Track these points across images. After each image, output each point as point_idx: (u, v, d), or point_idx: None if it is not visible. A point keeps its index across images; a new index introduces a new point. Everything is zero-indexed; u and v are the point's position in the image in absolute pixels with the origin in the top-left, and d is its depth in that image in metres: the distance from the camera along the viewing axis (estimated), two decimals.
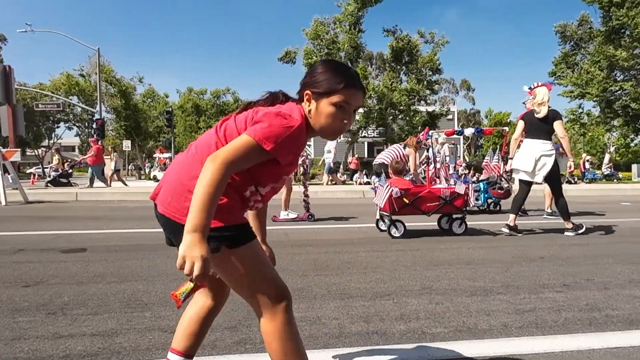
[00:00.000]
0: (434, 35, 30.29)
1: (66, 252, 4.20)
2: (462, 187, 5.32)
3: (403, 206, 5.18)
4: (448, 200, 5.30)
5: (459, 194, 5.30)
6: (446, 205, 5.33)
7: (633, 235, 5.35)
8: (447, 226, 5.54)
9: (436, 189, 5.38)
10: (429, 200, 5.27)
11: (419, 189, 5.38)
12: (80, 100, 40.12)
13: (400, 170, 5.69)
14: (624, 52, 25.44)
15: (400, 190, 5.12)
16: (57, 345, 2.05)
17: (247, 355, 1.95)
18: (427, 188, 5.40)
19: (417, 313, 2.49)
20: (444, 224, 5.63)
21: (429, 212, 5.32)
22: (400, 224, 5.14)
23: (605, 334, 2.20)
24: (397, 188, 5.12)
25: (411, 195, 5.22)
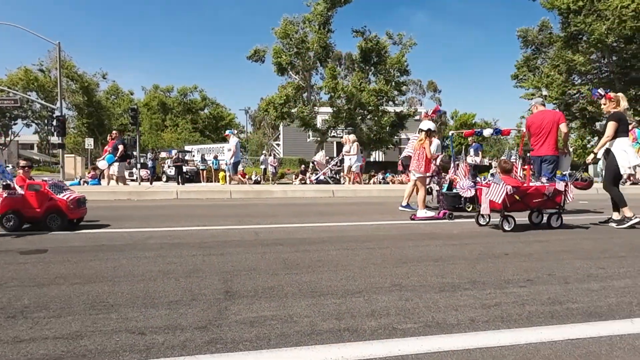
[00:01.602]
0: (402, 36, 30.80)
1: (25, 254, 4.03)
2: (562, 184, 5.71)
3: (514, 202, 5.54)
4: (550, 197, 5.64)
5: (559, 190, 5.68)
6: (548, 201, 5.69)
7: (591, 232, 5.59)
8: (537, 220, 6.03)
9: (541, 186, 5.74)
10: (536, 197, 5.65)
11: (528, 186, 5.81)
12: (40, 97, 38.63)
13: (509, 169, 6.07)
14: (582, 57, 26.55)
15: (512, 187, 5.48)
16: (17, 349, 1.96)
17: (218, 355, 1.93)
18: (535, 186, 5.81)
19: (387, 309, 2.52)
20: (535, 218, 6.05)
21: (534, 207, 5.79)
22: (512, 219, 5.53)
23: (566, 326, 2.29)
24: (510, 186, 5.45)
25: (521, 192, 5.57)
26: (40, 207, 5.35)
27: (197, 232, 5.33)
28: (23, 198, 5.32)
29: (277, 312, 2.47)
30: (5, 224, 5.28)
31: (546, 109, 7.32)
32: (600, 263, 3.75)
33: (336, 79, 29.52)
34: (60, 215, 5.37)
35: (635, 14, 23.02)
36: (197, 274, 3.29)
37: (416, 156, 6.88)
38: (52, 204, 5.35)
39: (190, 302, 2.62)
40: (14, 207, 5.30)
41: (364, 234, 5.28)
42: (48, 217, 5.34)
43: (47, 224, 5.33)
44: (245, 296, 2.76)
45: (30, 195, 5.34)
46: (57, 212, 5.36)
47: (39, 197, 5.35)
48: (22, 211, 5.32)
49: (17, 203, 5.31)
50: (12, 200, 5.32)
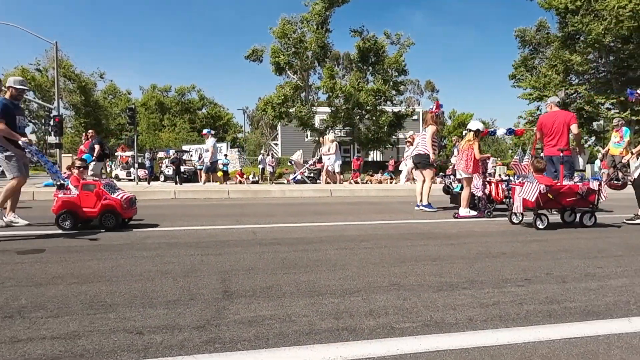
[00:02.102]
0: (400, 36, 30.79)
1: (23, 254, 4.02)
2: (595, 183, 5.79)
3: (547, 201, 5.64)
4: (583, 196, 5.71)
5: (593, 189, 5.76)
6: (581, 200, 5.76)
7: (587, 231, 5.60)
8: (570, 219, 6.13)
9: (575, 185, 5.81)
10: (569, 195, 5.75)
11: (562, 185, 5.88)
12: (37, 96, 38.52)
13: (542, 168, 6.13)
14: (579, 57, 26.63)
15: (546, 186, 5.56)
16: (14, 349, 1.95)
17: (217, 354, 1.92)
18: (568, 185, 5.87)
19: (385, 309, 2.52)
20: (567, 217, 6.15)
21: (567, 206, 5.87)
22: (545, 217, 5.66)
23: (564, 325, 2.29)
24: (544, 185, 5.54)
25: (554, 191, 5.66)
26: (94, 206, 5.40)
27: (195, 232, 5.32)
28: (78, 198, 5.38)
29: (275, 311, 2.47)
30: (62, 223, 5.33)
31: (559, 110, 7.32)
32: (598, 262, 3.76)
33: (334, 78, 29.51)
34: (115, 214, 5.44)
35: (632, 14, 23.10)
36: (195, 274, 3.28)
37: (464, 156, 6.90)
38: (107, 204, 5.41)
39: (189, 302, 2.62)
40: (70, 207, 5.36)
41: (362, 234, 5.28)
42: (103, 216, 5.41)
43: (101, 223, 5.40)
44: (244, 296, 2.75)
45: (85, 195, 5.40)
46: (111, 211, 5.43)
47: (94, 197, 5.41)
48: (77, 211, 5.39)
49: (72, 203, 5.37)
50: (68, 200, 5.37)
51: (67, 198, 5.36)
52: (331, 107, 30.32)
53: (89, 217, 5.44)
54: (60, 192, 5.38)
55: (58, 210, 5.34)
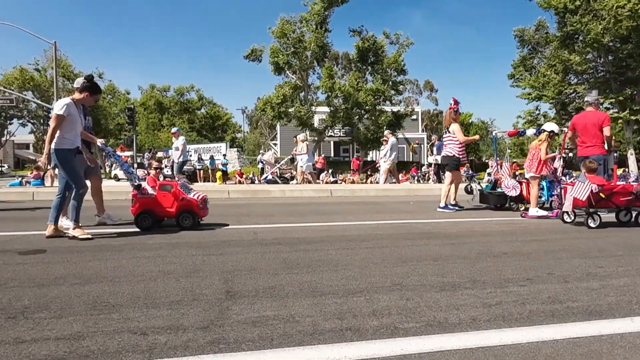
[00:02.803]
0: (399, 36, 30.81)
1: (24, 254, 4.02)
2: None
3: (599, 200, 5.72)
4: (638, 195, 5.75)
5: None
6: (636, 200, 5.79)
7: (587, 231, 5.61)
8: (625, 219, 6.12)
9: (629, 185, 5.87)
10: (622, 195, 5.79)
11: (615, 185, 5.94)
12: (36, 96, 38.45)
13: (595, 168, 6.22)
14: (578, 57, 26.65)
15: (598, 186, 5.64)
16: (19, 350, 1.95)
17: (222, 355, 1.92)
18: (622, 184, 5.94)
19: (388, 309, 2.53)
20: (623, 217, 6.14)
21: (621, 205, 5.88)
22: (597, 216, 5.77)
23: (567, 325, 2.30)
24: (595, 184, 5.65)
25: (607, 190, 5.74)
26: (172, 206, 5.50)
27: (195, 232, 5.31)
28: (156, 198, 5.50)
29: (278, 311, 2.47)
30: (141, 223, 5.44)
31: (592, 110, 7.26)
32: (599, 262, 3.77)
33: (333, 78, 29.53)
34: (192, 214, 5.56)
35: (631, 13, 23.12)
36: (198, 274, 3.28)
37: (530, 156, 6.95)
38: (184, 204, 5.53)
39: (192, 302, 2.62)
40: (148, 207, 5.47)
41: (363, 234, 5.28)
42: (180, 216, 5.53)
43: (179, 223, 5.53)
44: (247, 296, 2.75)
45: (163, 195, 5.51)
46: (189, 211, 5.55)
47: (171, 197, 5.51)
48: (155, 210, 5.49)
49: (150, 203, 5.48)
50: (146, 201, 5.48)
51: (145, 199, 5.49)
52: (330, 106, 30.33)
53: (166, 216, 5.60)
54: (138, 193, 5.48)
55: (137, 211, 5.45)
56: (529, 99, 31.47)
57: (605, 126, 6.95)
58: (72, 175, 4.90)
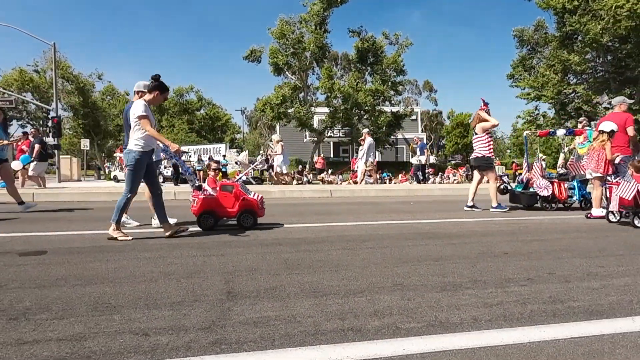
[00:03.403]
0: (398, 36, 30.79)
1: (24, 255, 4.01)
2: None
3: None
4: None
5: None
6: None
7: (588, 230, 5.62)
8: None
9: None
10: None
11: None
12: (35, 97, 38.39)
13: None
14: (577, 57, 26.67)
15: None
16: (21, 351, 1.96)
17: (224, 355, 1.93)
18: None
19: (390, 309, 2.53)
20: None
21: None
22: None
23: (569, 325, 2.30)
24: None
25: None
26: (233, 206, 5.59)
27: (196, 233, 5.31)
28: (217, 198, 5.57)
29: (280, 312, 2.47)
30: (203, 223, 5.54)
31: (617, 112, 7.30)
32: (599, 262, 3.77)
33: (332, 79, 29.51)
34: (252, 214, 5.66)
35: (629, 13, 23.15)
36: (199, 275, 3.28)
37: (594, 156, 6.94)
38: (245, 204, 5.62)
39: (193, 303, 2.62)
40: (210, 207, 5.56)
41: (364, 234, 5.28)
42: (242, 215, 5.62)
43: (240, 223, 5.62)
44: (248, 297, 2.76)
45: (224, 195, 5.59)
46: (249, 211, 5.65)
47: (232, 197, 5.59)
48: (217, 210, 5.58)
49: (212, 203, 5.56)
50: (208, 201, 5.56)
51: (207, 199, 5.55)
52: (330, 107, 30.32)
53: (227, 216, 5.68)
54: (200, 194, 5.56)
55: (199, 211, 5.53)
56: (528, 99, 31.50)
57: (628, 126, 7.00)
58: (133, 178, 4.97)
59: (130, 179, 4.97)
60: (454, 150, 55.14)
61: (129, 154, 4.91)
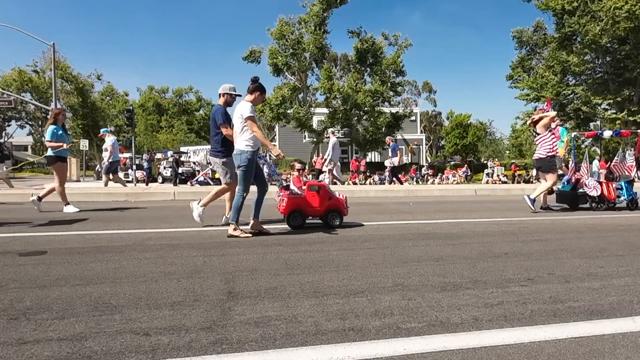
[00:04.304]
0: (397, 37, 30.83)
1: (24, 255, 4.01)
2: None
3: None
4: None
5: None
6: None
7: (588, 231, 5.63)
8: None
9: None
10: None
11: None
12: (34, 98, 38.37)
13: None
14: (576, 58, 26.71)
15: None
16: (22, 351, 1.95)
17: (225, 355, 1.92)
18: None
19: (390, 309, 2.53)
20: None
21: None
22: None
23: (569, 325, 2.30)
24: None
25: None
26: (320, 205, 5.73)
27: (196, 233, 5.32)
28: (305, 198, 5.71)
29: (281, 312, 2.47)
30: (292, 222, 5.66)
31: None
32: (599, 262, 3.78)
33: (332, 79, 29.54)
34: (339, 213, 5.81)
35: (628, 15, 23.19)
36: (199, 275, 3.28)
37: None
38: (332, 203, 5.78)
39: (194, 303, 2.62)
40: (298, 206, 5.69)
41: (363, 234, 5.28)
42: (328, 215, 5.76)
43: (327, 221, 5.76)
44: (249, 297, 2.75)
45: (311, 195, 5.72)
46: (336, 210, 5.80)
47: (319, 197, 5.73)
48: (304, 209, 5.70)
49: (300, 203, 5.70)
50: (296, 200, 5.70)
51: (296, 198, 5.70)
52: (329, 108, 30.33)
53: (314, 215, 5.80)
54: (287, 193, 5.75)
55: (287, 210, 5.67)
56: (528, 99, 31.55)
57: None
58: (246, 177, 5.14)
59: (243, 178, 5.14)
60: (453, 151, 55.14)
61: (240, 155, 5.08)
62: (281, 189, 5.68)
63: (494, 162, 30.51)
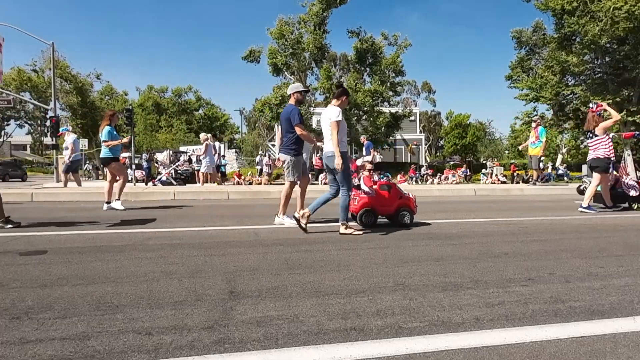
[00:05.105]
0: (397, 37, 30.80)
1: (25, 255, 4.01)
2: None
3: None
4: None
5: None
6: None
7: (588, 231, 5.64)
8: None
9: None
10: None
11: None
12: (33, 97, 38.32)
13: None
14: (575, 58, 26.72)
15: None
16: (24, 350, 1.95)
17: (227, 354, 1.93)
18: None
19: (392, 309, 2.53)
20: None
21: None
22: None
23: (570, 324, 2.31)
24: None
25: None
26: (391, 204, 5.86)
27: (196, 233, 5.32)
28: (376, 197, 5.83)
29: (282, 311, 2.47)
30: (365, 220, 5.76)
31: None
32: (599, 262, 3.79)
33: (331, 79, 29.51)
34: (410, 211, 5.91)
35: (628, 15, 23.20)
36: (200, 275, 3.28)
37: None
38: (403, 202, 5.90)
39: (195, 303, 2.62)
40: (370, 205, 5.81)
41: (364, 234, 5.29)
42: (399, 213, 5.87)
43: (398, 220, 5.88)
44: (250, 296, 2.76)
45: (383, 194, 5.85)
46: (407, 209, 5.90)
47: (390, 196, 5.87)
48: (376, 208, 5.83)
49: (372, 201, 5.82)
50: (369, 199, 5.82)
51: (368, 197, 5.81)
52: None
53: (385, 214, 5.93)
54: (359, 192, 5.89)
55: (360, 209, 5.79)
56: (527, 100, 31.52)
57: None
58: (348, 176, 5.35)
59: (346, 178, 5.33)
60: (452, 151, 55.19)
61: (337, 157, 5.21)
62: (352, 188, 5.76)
63: (493, 162, 30.52)
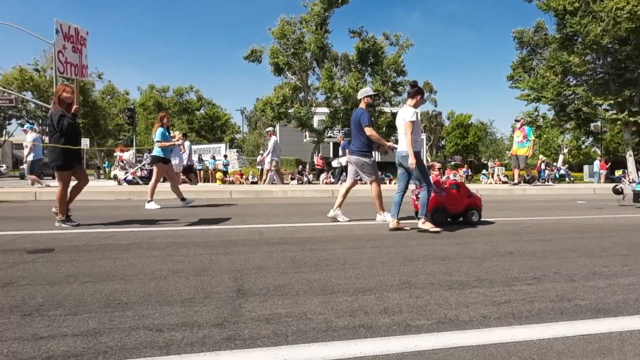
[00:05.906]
0: (398, 37, 30.82)
1: (33, 253, 4.03)
2: None
3: None
4: None
5: None
6: None
7: (591, 230, 5.65)
8: None
9: None
10: None
11: None
12: (35, 96, 38.34)
13: None
14: (577, 58, 26.70)
15: None
16: (37, 346, 1.98)
17: (239, 350, 1.95)
18: None
19: (399, 307, 2.55)
20: None
21: None
22: None
23: (577, 322, 2.33)
24: None
25: None
26: (460, 203, 6.00)
27: (201, 232, 5.34)
28: (446, 196, 5.96)
29: (290, 309, 2.49)
30: (436, 219, 5.83)
31: None
32: (604, 261, 3.80)
33: (333, 79, 29.51)
34: (478, 210, 6.06)
35: (630, 15, 23.19)
36: (207, 273, 3.31)
37: None
38: (471, 201, 6.03)
39: (204, 300, 2.64)
40: (441, 204, 5.93)
41: (368, 233, 5.31)
42: (468, 212, 6.02)
43: (465, 219, 6.03)
44: (258, 294, 2.78)
45: (452, 193, 5.98)
46: (475, 208, 6.04)
47: (459, 195, 6.00)
48: (447, 207, 5.97)
49: (442, 200, 5.95)
50: (439, 198, 5.93)
51: (439, 196, 5.92)
52: (330, 107, 30.33)
53: (455, 212, 6.06)
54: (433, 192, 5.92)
55: (431, 207, 5.83)
56: (528, 100, 31.51)
57: None
58: (425, 174, 5.49)
59: (423, 174, 5.46)
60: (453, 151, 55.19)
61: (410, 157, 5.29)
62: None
63: (495, 162, 30.52)
